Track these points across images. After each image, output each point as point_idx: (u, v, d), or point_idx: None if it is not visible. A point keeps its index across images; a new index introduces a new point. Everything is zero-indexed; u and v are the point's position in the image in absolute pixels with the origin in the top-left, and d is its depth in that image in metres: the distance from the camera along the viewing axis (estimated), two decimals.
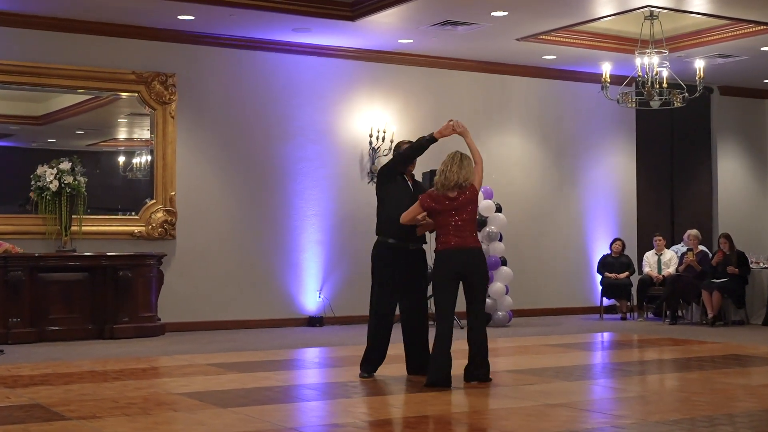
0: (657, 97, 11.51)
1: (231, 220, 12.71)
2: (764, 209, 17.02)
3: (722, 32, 12.78)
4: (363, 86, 13.59)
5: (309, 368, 9.53)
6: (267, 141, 12.95)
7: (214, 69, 12.65)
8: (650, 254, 14.45)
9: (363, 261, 13.36)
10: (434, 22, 11.94)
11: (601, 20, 12.16)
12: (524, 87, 14.74)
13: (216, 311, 12.54)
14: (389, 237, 7.96)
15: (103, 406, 6.73)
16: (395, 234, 7.92)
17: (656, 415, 6.46)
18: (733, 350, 10.23)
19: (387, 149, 13.51)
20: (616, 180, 15.46)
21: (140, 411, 6.56)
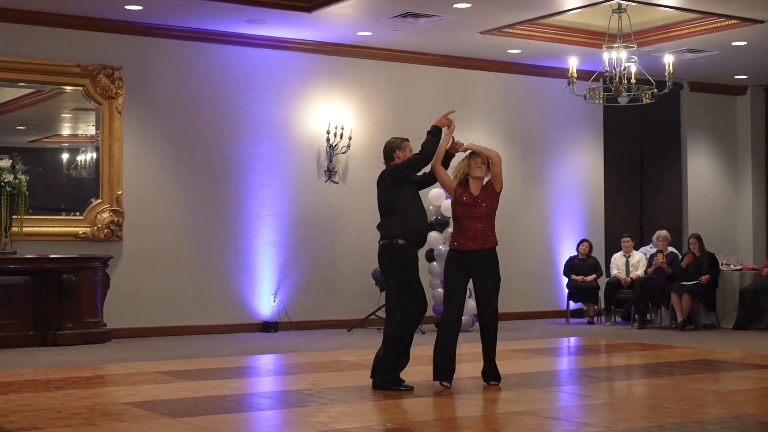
0: (625, 93, 11.58)
1: (181, 220, 12.64)
2: (735, 209, 17.21)
3: (692, 26, 12.90)
4: (320, 80, 13.56)
5: (263, 376, 9.49)
6: (219, 137, 12.89)
7: (164, 62, 12.57)
8: (618, 256, 14.54)
9: (320, 263, 13.43)
10: (395, 14, 11.94)
11: (568, 13, 12.22)
12: (488, 82, 14.80)
13: (165, 316, 12.46)
14: (416, 244, 8.01)
15: (45, 416, 6.66)
16: (421, 241, 8.10)
17: (624, 423, 6.50)
18: (704, 355, 10.32)
19: (345, 146, 13.51)
20: (583, 179, 15.55)
21: (84, 422, 6.49)
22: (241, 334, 12.66)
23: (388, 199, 8.05)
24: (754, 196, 17.14)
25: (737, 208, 17.24)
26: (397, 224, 7.94)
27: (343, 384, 8.19)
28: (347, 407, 7.07)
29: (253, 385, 8.83)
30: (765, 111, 17.25)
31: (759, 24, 12.43)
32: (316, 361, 9.93)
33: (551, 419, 6.81)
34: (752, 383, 8.44)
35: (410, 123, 14.14)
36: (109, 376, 8.94)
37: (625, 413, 7.00)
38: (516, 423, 6.59)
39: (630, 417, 6.78)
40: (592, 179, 15.67)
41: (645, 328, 13.53)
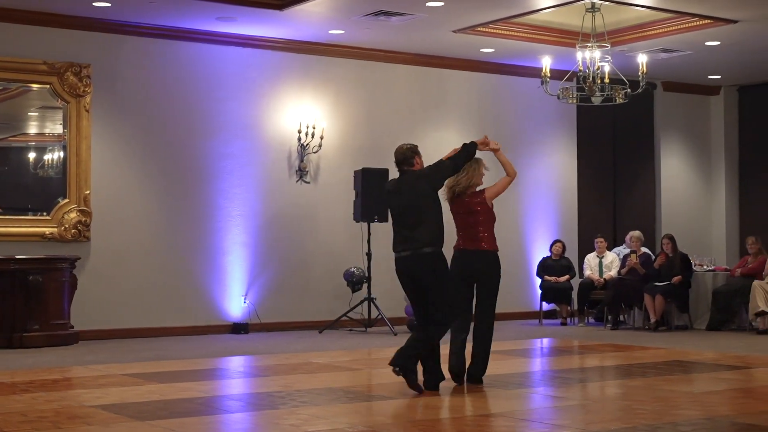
0: (598, 93, 11.64)
1: (150, 220, 12.59)
2: (709, 209, 17.33)
3: (666, 26, 12.98)
4: (292, 79, 13.55)
5: (233, 378, 9.47)
6: (189, 137, 12.85)
7: (133, 60, 12.52)
8: (591, 256, 14.61)
9: (291, 264, 13.41)
10: (367, 12, 11.95)
11: (541, 12, 12.27)
12: (461, 81, 14.83)
13: (134, 318, 12.41)
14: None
15: (11, 420, 6.62)
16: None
17: (597, 425, 6.53)
18: (677, 356, 10.38)
19: (317, 146, 13.50)
20: (557, 179, 15.62)
21: (51, 425, 6.46)
22: (210, 335, 12.63)
23: (424, 203, 7.89)
24: (727, 197, 17.26)
25: (710, 209, 17.36)
26: (440, 233, 7.94)
27: (314, 386, 8.19)
28: (318, 410, 7.07)
29: (223, 387, 8.81)
30: (738, 111, 17.38)
31: (732, 24, 12.53)
32: (287, 362, 9.92)
33: (524, 421, 6.84)
34: (725, 384, 8.51)
35: (383, 122, 14.19)
36: (76, 378, 8.89)
37: (598, 415, 7.04)
38: (489, 425, 6.61)
39: (603, 419, 6.82)
40: (566, 179, 15.74)
41: (618, 329, 13.60)
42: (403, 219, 7.89)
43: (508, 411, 7.11)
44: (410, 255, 7.80)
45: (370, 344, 11.69)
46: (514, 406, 7.42)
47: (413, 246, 7.80)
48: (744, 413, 6.89)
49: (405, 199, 7.88)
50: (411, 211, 7.86)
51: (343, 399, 7.56)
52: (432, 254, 7.81)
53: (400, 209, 7.91)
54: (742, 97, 17.35)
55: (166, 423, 6.53)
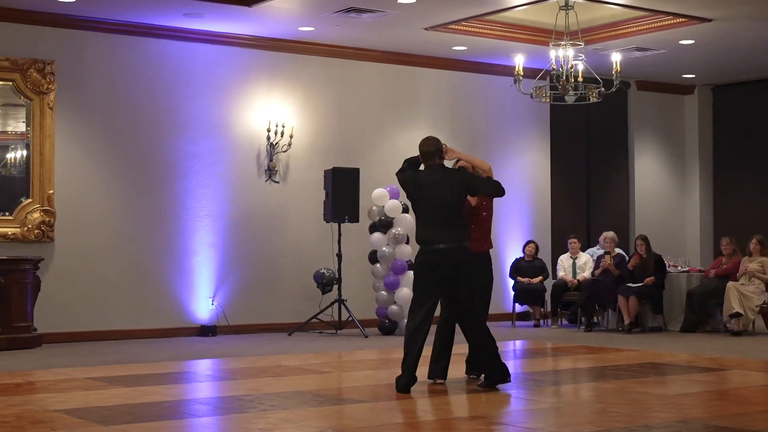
0: (572, 92, 11.67)
1: (115, 221, 12.52)
2: (683, 210, 17.43)
3: (640, 24, 13.04)
4: (261, 77, 13.51)
5: (201, 381, 9.43)
6: (155, 135, 12.79)
7: (98, 56, 12.44)
8: (565, 257, 14.66)
9: (260, 265, 13.37)
10: (337, 8, 11.93)
11: (514, 10, 12.30)
12: (433, 79, 14.84)
13: (98, 320, 12.34)
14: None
15: None
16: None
17: (570, 427, 6.55)
18: (651, 358, 10.43)
19: (286, 145, 13.47)
20: (530, 179, 15.65)
21: (13, 430, 6.41)
22: (177, 338, 12.57)
23: (461, 202, 8.25)
24: (702, 197, 17.38)
25: (684, 209, 17.47)
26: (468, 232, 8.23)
27: (283, 389, 8.16)
28: (287, 413, 7.05)
29: (190, 391, 8.77)
30: (713, 110, 17.50)
31: (707, 22, 12.60)
32: (256, 365, 9.89)
33: (497, 424, 6.84)
34: (699, 386, 8.55)
35: (353, 121, 14.18)
36: (39, 382, 8.82)
37: (571, 417, 7.05)
38: (461, 428, 6.61)
39: (576, 421, 6.84)
40: (539, 179, 15.78)
41: (592, 330, 13.66)
42: (441, 212, 7.99)
43: (480, 414, 7.11)
44: (450, 247, 7.94)
45: (341, 347, 11.67)
46: (486, 409, 7.42)
47: (454, 238, 7.98)
48: (718, 416, 6.93)
49: (446, 193, 8.01)
50: (450, 205, 8.03)
51: (312, 402, 7.54)
52: (474, 253, 8.28)
53: (438, 201, 7.99)
54: (716, 96, 17.48)
55: (132, 428, 6.49)
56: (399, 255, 13.05)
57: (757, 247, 13.02)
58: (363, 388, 8.43)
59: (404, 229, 13.10)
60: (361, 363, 10.45)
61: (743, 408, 7.29)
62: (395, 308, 12.99)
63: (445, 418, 6.89)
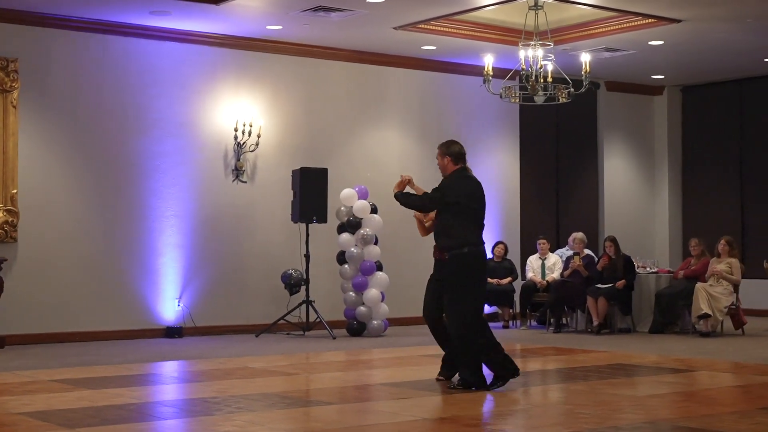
0: (541, 92, 11.72)
1: (80, 221, 12.45)
2: (652, 211, 17.55)
3: (609, 25, 13.12)
4: (228, 76, 13.48)
5: (167, 383, 9.40)
6: (121, 134, 12.73)
7: (62, 54, 12.37)
8: (534, 258, 14.71)
9: (227, 266, 13.34)
10: (306, 7, 11.92)
11: (484, 9, 12.34)
12: (402, 79, 14.86)
13: (63, 322, 12.27)
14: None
15: None
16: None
17: (539, 429, 6.59)
18: (619, 359, 10.50)
19: (253, 144, 13.45)
20: (499, 179, 15.70)
21: None
22: (143, 340, 12.52)
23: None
24: (671, 198, 17.50)
25: (653, 210, 17.59)
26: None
27: (250, 391, 8.16)
28: (254, 415, 7.05)
29: (156, 393, 8.74)
30: (682, 111, 17.63)
31: (676, 23, 12.70)
32: (223, 367, 9.87)
33: (466, 426, 6.87)
34: (668, 388, 8.62)
35: (321, 120, 14.18)
36: (2, 384, 8.75)
37: (540, 419, 7.10)
38: (429, 430, 6.63)
39: (545, 423, 6.88)
40: (508, 180, 15.84)
41: (560, 332, 13.72)
42: (481, 216, 8.61)
43: (449, 415, 7.13)
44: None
45: (308, 348, 11.67)
46: (455, 411, 7.45)
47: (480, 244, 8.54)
48: (686, 417, 6.99)
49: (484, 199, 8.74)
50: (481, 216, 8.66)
51: (279, 404, 7.54)
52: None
53: (480, 206, 8.66)
54: (685, 97, 17.61)
55: (96, 431, 6.47)
56: (367, 256, 13.06)
57: (726, 248, 13.12)
58: (331, 390, 8.44)
59: (372, 230, 13.11)
60: (329, 365, 10.45)
61: (711, 409, 7.35)
62: (363, 309, 13.01)
63: (412, 420, 6.91)
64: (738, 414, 7.10)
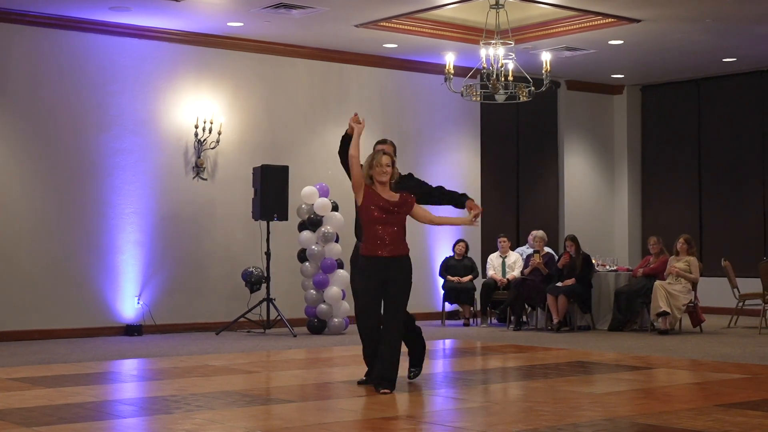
0: (502, 91, 11.76)
1: (39, 218, 12.36)
2: (611, 209, 17.67)
3: (570, 24, 13.19)
4: (188, 72, 13.43)
5: (126, 382, 9.35)
6: (80, 131, 12.65)
7: (20, 50, 12.27)
8: (494, 256, 14.77)
9: (187, 263, 13.29)
10: (267, 4, 11.90)
11: (445, 8, 12.38)
12: (364, 76, 14.87)
13: (20, 320, 12.17)
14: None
15: None
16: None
17: (499, 426, 6.61)
18: (579, 357, 10.57)
19: (214, 141, 13.40)
20: (460, 177, 15.74)
21: None
22: (102, 338, 12.45)
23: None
24: (630, 197, 17.63)
25: (613, 208, 17.71)
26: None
27: (210, 389, 8.13)
28: (214, 414, 7.02)
29: (115, 391, 8.69)
30: (641, 110, 17.77)
31: (635, 23, 12.79)
32: (182, 365, 9.83)
33: (426, 423, 6.88)
34: (626, 385, 8.69)
35: (282, 118, 14.15)
36: None
37: (499, 416, 7.12)
38: (389, 428, 6.64)
39: (504, 420, 6.90)
40: (469, 178, 15.88)
41: (521, 329, 13.78)
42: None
43: (409, 413, 7.14)
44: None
45: (269, 346, 11.65)
46: (414, 409, 7.46)
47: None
48: (644, 414, 7.04)
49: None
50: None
51: (240, 402, 7.52)
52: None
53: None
54: (645, 96, 17.75)
55: (54, 429, 6.42)
56: (328, 253, 13.05)
57: (684, 246, 13.23)
58: (291, 387, 8.43)
59: (333, 228, 13.11)
60: (290, 363, 10.44)
61: (669, 406, 7.41)
62: (324, 307, 13.00)
63: (373, 418, 6.92)
64: (695, 411, 7.16)
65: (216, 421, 6.74)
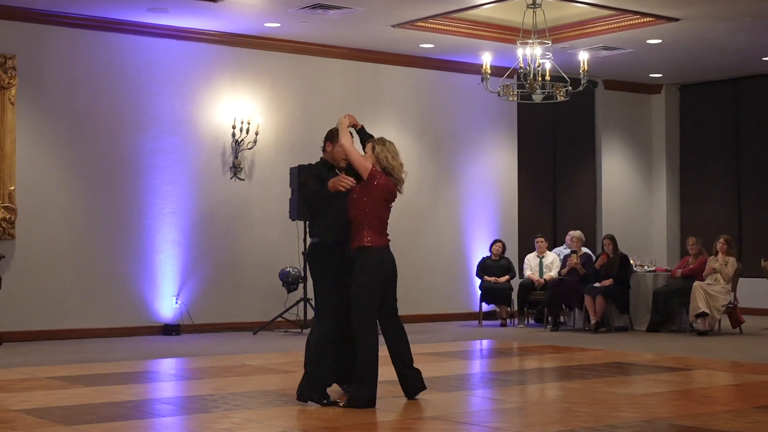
0: (539, 91, 11.72)
1: (78, 218, 12.46)
2: (649, 209, 17.56)
3: (607, 23, 13.12)
4: (226, 73, 13.48)
5: (164, 381, 9.41)
6: (119, 132, 12.73)
7: (60, 51, 12.37)
8: (532, 257, 14.71)
9: (224, 263, 13.35)
10: (304, 4, 11.93)
11: (482, 7, 12.35)
12: (400, 77, 14.86)
13: (60, 319, 12.27)
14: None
15: None
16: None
17: (536, 427, 6.60)
18: (616, 358, 10.51)
19: (251, 142, 13.45)
20: (497, 177, 15.71)
21: None
22: (140, 337, 12.53)
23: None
24: (668, 197, 17.51)
25: (651, 209, 17.60)
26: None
27: (247, 389, 8.16)
28: (251, 413, 7.05)
29: (153, 390, 8.75)
30: (679, 110, 17.64)
31: (674, 22, 12.70)
32: (220, 365, 9.87)
33: (462, 424, 6.88)
34: (664, 386, 8.63)
35: (319, 118, 14.13)
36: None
37: (536, 417, 7.10)
38: (427, 428, 6.64)
39: (542, 421, 6.88)
40: (506, 178, 15.84)
41: (558, 330, 13.73)
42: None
43: (445, 414, 7.14)
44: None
45: None
46: (451, 409, 7.46)
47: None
48: (682, 415, 7.00)
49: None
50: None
51: (276, 402, 7.54)
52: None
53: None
54: (683, 95, 17.62)
55: (93, 428, 6.47)
56: None
57: (724, 246, 13.12)
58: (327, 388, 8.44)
59: None
60: None
61: (708, 408, 7.37)
62: None
63: (409, 418, 6.92)
64: (734, 412, 7.12)
65: (253, 421, 6.77)
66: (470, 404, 7.85)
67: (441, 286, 15.10)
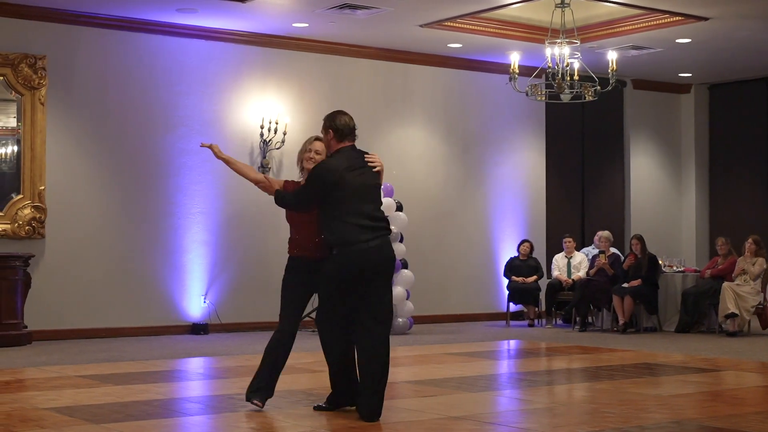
0: (567, 90, 11.69)
1: (107, 217, 12.51)
2: (678, 209, 17.46)
3: (636, 22, 13.06)
4: (254, 73, 13.51)
5: (192, 380, 9.43)
6: (148, 131, 12.78)
7: (89, 51, 12.43)
8: (560, 257, 14.67)
9: (252, 263, 13.38)
10: (332, 5, 11.93)
11: (510, 7, 12.32)
12: (428, 76, 14.85)
13: (89, 318, 12.33)
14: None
15: None
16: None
17: (564, 428, 6.57)
18: (645, 359, 10.46)
19: (279, 142, 13.47)
20: (525, 177, 15.67)
21: (3, 428, 6.41)
22: (169, 336, 12.57)
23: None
24: (697, 197, 17.41)
25: (680, 209, 17.50)
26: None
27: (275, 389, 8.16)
28: (279, 412, 7.06)
29: (182, 389, 8.77)
30: (709, 110, 17.53)
31: (703, 21, 12.62)
32: (248, 364, 9.88)
33: (490, 424, 6.86)
34: (693, 387, 8.58)
35: None
36: (29, 380, 8.82)
37: (564, 418, 7.07)
38: (454, 427, 6.62)
39: (570, 422, 6.86)
40: (534, 178, 15.79)
41: (586, 330, 13.68)
42: (368, 199, 6.85)
43: (473, 414, 7.12)
44: (382, 244, 6.74)
45: None
46: (479, 409, 7.44)
47: (383, 232, 6.79)
48: (712, 416, 6.95)
49: (368, 177, 6.91)
50: (375, 191, 6.89)
51: (304, 402, 7.55)
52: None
53: (362, 188, 6.83)
54: (712, 95, 17.51)
55: (122, 426, 6.50)
56: None
57: (753, 246, 13.04)
58: None
59: (398, 228, 13.10)
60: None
61: (737, 409, 7.32)
62: None
63: (437, 418, 6.90)
64: (764, 414, 7.06)
65: (281, 420, 6.77)
66: (498, 404, 7.83)
67: (468, 286, 15.07)
